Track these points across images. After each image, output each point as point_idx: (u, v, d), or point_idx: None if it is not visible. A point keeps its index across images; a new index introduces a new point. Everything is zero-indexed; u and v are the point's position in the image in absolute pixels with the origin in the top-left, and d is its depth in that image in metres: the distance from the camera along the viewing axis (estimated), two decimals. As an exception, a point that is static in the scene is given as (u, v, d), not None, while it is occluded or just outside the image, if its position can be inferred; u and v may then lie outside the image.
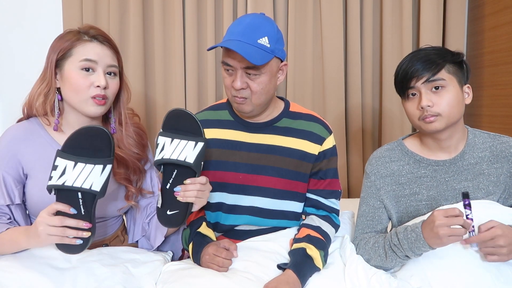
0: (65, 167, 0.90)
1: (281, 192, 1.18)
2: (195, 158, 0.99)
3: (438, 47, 1.11)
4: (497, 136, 1.14)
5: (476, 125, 2.07)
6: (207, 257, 1.07)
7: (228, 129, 1.21)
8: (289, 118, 1.22)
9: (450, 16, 2.06)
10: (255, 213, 1.18)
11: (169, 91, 2.08)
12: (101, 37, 1.09)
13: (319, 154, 1.20)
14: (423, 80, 1.05)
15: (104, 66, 1.07)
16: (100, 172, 0.92)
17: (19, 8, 2.01)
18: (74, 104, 1.07)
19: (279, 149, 1.18)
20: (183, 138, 0.99)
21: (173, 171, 1.01)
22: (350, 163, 2.16)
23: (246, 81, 1.08)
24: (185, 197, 0.98)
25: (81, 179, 0.90)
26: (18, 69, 2.03)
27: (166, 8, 2.03)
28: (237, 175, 1.17)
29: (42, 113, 1.08)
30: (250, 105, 1.11)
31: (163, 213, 1.01)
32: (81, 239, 0.92)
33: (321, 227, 1.16)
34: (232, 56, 1.06)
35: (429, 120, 1.06)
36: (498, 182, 1.10)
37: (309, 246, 1.10)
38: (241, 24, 1.08)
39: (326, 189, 1.22)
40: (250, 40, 1.05)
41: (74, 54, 1.05)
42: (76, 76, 1.04)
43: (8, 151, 1.05)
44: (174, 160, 0.98)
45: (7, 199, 1.04)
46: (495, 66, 1.94)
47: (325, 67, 2.06)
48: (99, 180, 0.92)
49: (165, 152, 0.98)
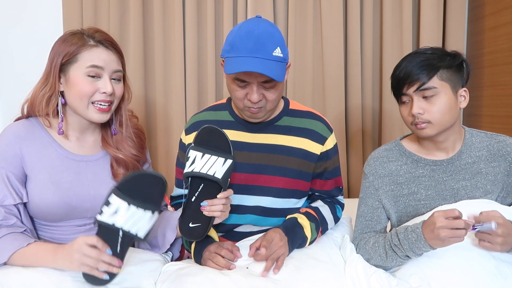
0: (118, 207, 0.92)
1: (284, 191, 1.19)
2: (223, 174, 1.02)
3: (436, 50, 1.10)
4: (494, 135, 1.15)
5: (476, 125, 2.07)
6: (207, 253, 1.08)
7: (229, 129, 1.20)
8: (290, 116, 1.23)
9: (450, 16, 2.06)
10: (258, 212, 1.19)
11: (169, 91, 2.08)
12: (106, 42, 1.08)
13: (322, 155, 1.21)
14: (414, 88, 1.06)
15: (110, 72, 1.07)
16: (149, 218, 0.94)
17: (19, 8, 2.01)
18: (76, 109, 1.07)
19: (281, 148, 1.19)
20: (214, 154, 1.02)
21: (200, 185, 1.04)
22: (350, 163, 2.16)
23: (262, 93, 1.08)
24: (211, 211, 1.01)
25: (129, 222, 0.92)
26: (18, 69, 2.03)
27: (166, 8, 2.03)
28: (240, 175, 1.18)
29: (44, 113, 1.07)
30: (264, 111, 1.13)
31: (185, 225, 1.04)
32: (108, 274, 0.94)
33: (319, 208, 1.20)
34: (248, 73, 1.04)
35: (420, 127, 1.07)
36: (496, 181, 1.10)
37: (300, 216, 1.15)
38: (250, 38, 1.03)
39: (333, 188, 1.26)
40: (266, 55, 1.02)
41: (80, 59, 1.04)
42: (82, 82, 1.04)
43: (10, 150, 1.04)
44: (204, 174, 1.01)
45: (16, 198, 1.03)
46: (495, 66, 1.94)
47: (325, 67, 2.06)
48: (146, 226, 0.94)
49: (195, 166, 1.01)
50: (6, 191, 1.02)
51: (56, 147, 1.09)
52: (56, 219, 1.08)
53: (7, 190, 1.02)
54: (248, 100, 1.08)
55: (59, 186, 1.06)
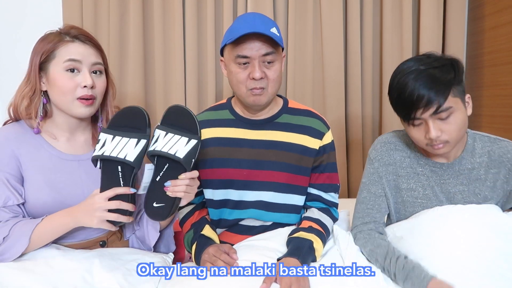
0: (105, 140, 0.99)
1: (284, 185, 1.21)
2: (185, 154, 0.99)
3: (435, 60, 1.02)
4: (498, 140, 1.11)
5: (476, 125, 2.07)
6: (206, 255, 1.08)
7: (229, 127, 1.23)
8: (289, 114, 1.25)
9: (450, 16, 2.06)
10: (260, 207, 1.21)
11: (169, 91, 2.08)
12: (82, 37, 1.08)
13: (320, 149, 1.23)
14: (431, 112, 0.98)
15: (88, 65, 1.07)
16: (135, 145, 0.99)
17: (19, 8, 2.01)
18: (61, 106, 1.07)
19: (280, 144, 1.21)
20: (177, 133, 1.00)
21: (165, 165, 1.02)
22: (350, 163, 2.16)
23: (263, 70, 1.11)
24: (175, 191, 0.98)
25: (117, 150, 0.98)
26: (17, 69, 2.01)
27: (166, 8, 2.03)
28: (242, 171, 1.20)
29: (26, 116, 1.08)
30: (267, 95, 1.15)
31: (149, 205, 1.01)
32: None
33: (321, 220, 1.19)
34: (250, 46, 1.09)
35: (438, 147, 1.02)
36: (495, 188, 1.09)
37: (316, 240, 1.12)
38: (248, 20, 1.11)
39: (326, 183, 1.25)
40: (264, 29, 1.08)
41: (57, 55, 1.05)
42: (62, 78, 1.04)
43: (5, 152, 1.04)
44: (164, 152, 0.98)
45: (19, 198, 1.04)
46: (495, 66, 1.94)
47: (325, 67, 2.06)
48: (132, 151, 0.98)
49: (157, 144, 1.00)
50: (8, 192, 1.02)
51: (47, 148, 1.09)
52: None
53: (9, 191, 1.02)
54: (252, 79, 1.11)
55: (53, 187, 1.06)
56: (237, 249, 1.12)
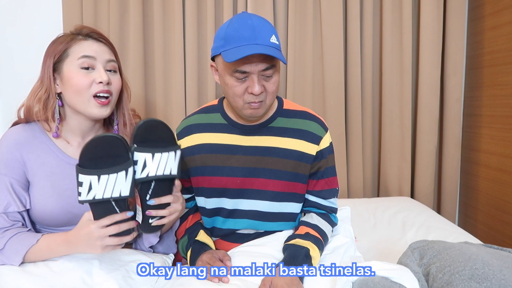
0: (90, 182, 0.87)
1: (280, 194, 1.15)
2: (177, 168, 0.98)
3: None
4: None
5: (476, 125, 2.07)
6: (200, 263, 1.06)
7: (222, 133, 1.17)
8: (284, 117, 1.18)
9: (450, 16, 2.06)
10: (255, 217, 1.16)
11: (169, 92, 2.08)
12: (95, 34, 1.07)
13: (317, 154, 1.17)
14: None
15: (103, 62, 1.06)
16: (125, 177, 0.90)
17: (18, 8, 2.01)
18: (77, 106, 1.05)
19: (275, 150, 1.15)
20: (163, 151, 0.95)
21: (151, 184, 0.97)
22: (350, 163, 2.16)
23: (262, 84, 1.04)
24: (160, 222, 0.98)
25: (109, 190, 0.88)
26: (17, 69, 2.03)
27: (166, 8, 2.03)
28: (235, 179, 1.15)
29: (43, 118, 1.06)
30: (264, 107, 1.08)
31: (146, 225, 0.99)
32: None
33: (319, 226, 1.15)
34: (249, 61, 1.00)
35: None
36: None
37: (313, 247, 1.08)
38: (246, 28, 1.01)
39: (325, 189, 1.19)
40: (265, 41, 1.00)
41: (71, 54, 1.03)
42: (76, 75, 1.02)
43: (12, 156, 1.02)
44: (160, 176, 0.95)
45: (20, 205, 1.02)
46: (495, 66, 1.94)
47: (325, 67, 2.06)
48: (125, 185, 0.90)
49: (149, 169, 0.94)
50: (10, 198, 1.01)
51: (57, 153, 1.07)
52: (58, 225, 1.07)
53: (10, 197, 1.01)
54: (250, 93, 1.04)
55: (60, 194, 1.05)
56: (232, 255, 1.10)
